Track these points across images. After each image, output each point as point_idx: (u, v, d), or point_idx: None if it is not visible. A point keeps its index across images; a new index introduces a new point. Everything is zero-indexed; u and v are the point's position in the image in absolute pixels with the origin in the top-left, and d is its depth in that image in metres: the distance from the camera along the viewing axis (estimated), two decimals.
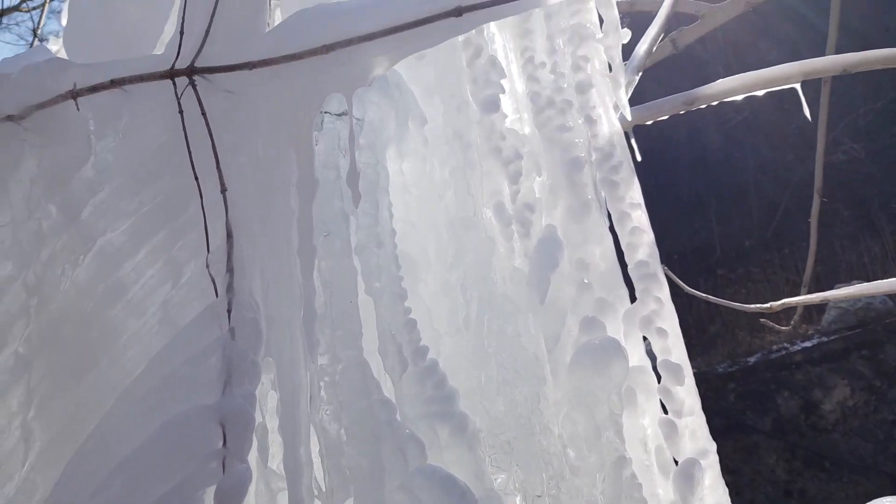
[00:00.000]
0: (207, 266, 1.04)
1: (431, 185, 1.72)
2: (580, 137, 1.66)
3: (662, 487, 1.45)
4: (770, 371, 8.93)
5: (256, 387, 0.92)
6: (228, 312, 0.96)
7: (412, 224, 1.70)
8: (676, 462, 1.45)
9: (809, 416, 8.45)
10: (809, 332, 9.05)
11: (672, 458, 1.47)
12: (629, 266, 1.61)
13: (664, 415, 1.49)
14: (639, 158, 2.20)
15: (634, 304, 1.57)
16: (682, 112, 2.62)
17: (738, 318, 9.64)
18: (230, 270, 1.01)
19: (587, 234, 1.61)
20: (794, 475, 8.23)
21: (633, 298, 1.59)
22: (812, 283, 4.81)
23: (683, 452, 1.45)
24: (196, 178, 1.07)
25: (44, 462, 1.07)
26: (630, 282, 1.60)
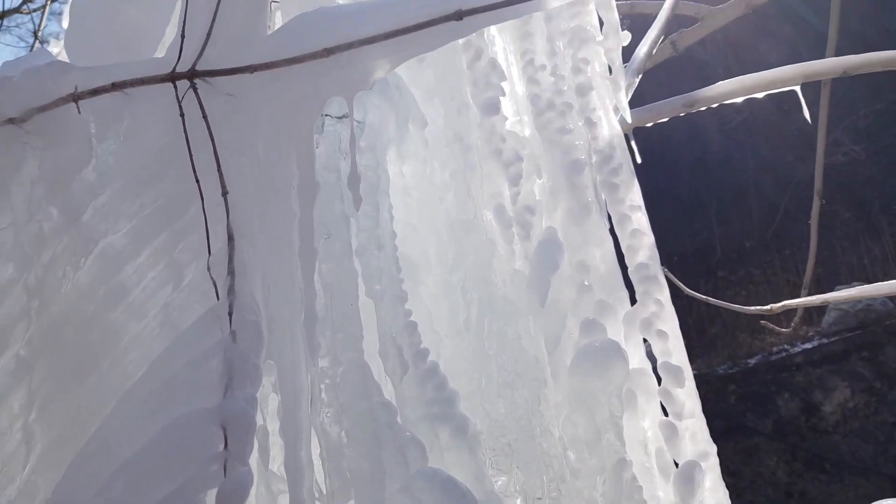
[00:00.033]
0: (209, 269, 1.04)
1: (432, 188, 1.72)
2: (580, 140, 1.66)
3: (663, 490, 1.45)
4: (770, 373, 8.93)
5: (258, 389, 0.92)
6: (230, 315, 0.96)
7: (413, 226, 1.70)
8: (677, 464, 1.45)
9: (810, 418, 8.45)
10: (810, 334, 9.05)
11: (672, 461, 1.46)
12: (629, 268, 1.61)
13: (664, 417, 1.49)
14: (639, 160, 2.20)
15: (635, 307, 1.57)
16: (682, 114, 2.63)
17: (739, 320, 9.65)
18: (231, 273, 1.01)
19: (587, 237, 1.61)
20: (795, 477, 8.23)
21: (634, 300, 1.59)
22: (812, 285, 4.82)
23: (684, 455, 1.45)
24: (197, 181, 1.07)
25: (45, 464, 1.07)
26: (630, 284, 1.60)
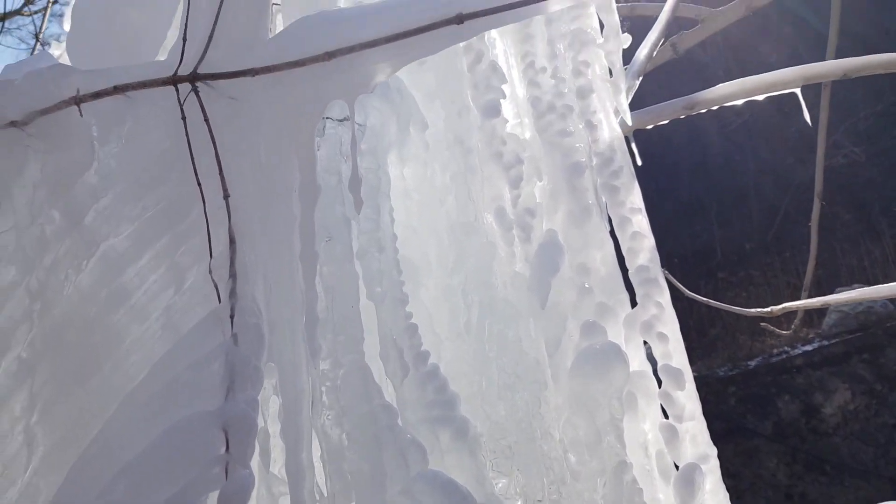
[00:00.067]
0: (210, 272, 1.04)
1: (432, 190, 1.72)
2: (581, 142, 1.66)
3: (663, 492, 1.45)
4: (771, 375, 8.92)
5: (259, 392, 0.92)
6: (231, 318, 0.97)
7: (413, 229, 1.70)
8: (677, 467, 1.45)
9: (810, 420, 8.44)
10: (810, 336, 9.05)
11: (673, 463, 1.47)
12: (630, 271, 1.61)
13: (665, 419, 1.49)
14: (639, 163, 2.20)
15: (635, 309, 1.57)
16: (683, 116, 2.63)
17: (739, 322, 9.65)
18: (233, 276, 1.01)
19: (588, 239, 1.61)
20: (795, 479, 8.22)
21: (634, 303, 1.59)
22: (813, 287, 4.82)
23: (684, 457, 1.45)
24: (199, 184, 1.08)
25: (47, 467, 1.07)
26: (631, 286, 1.60)
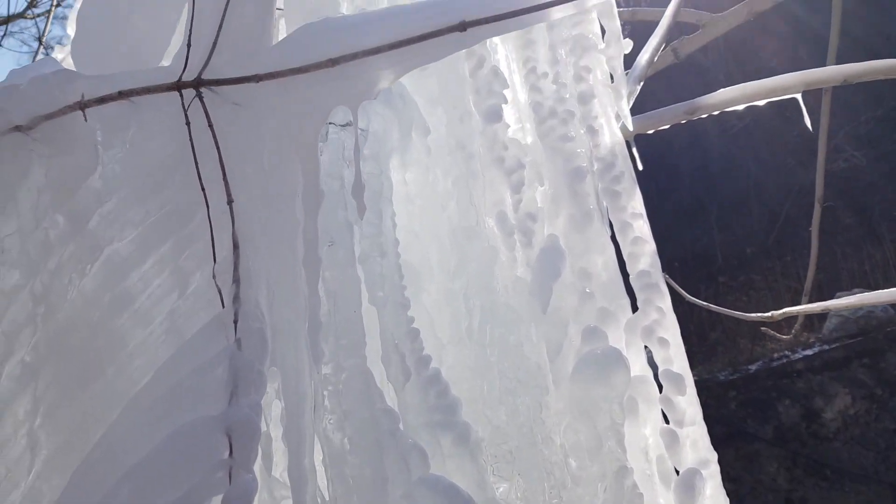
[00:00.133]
0: (214, 276, 1.04)
1: (434, 195, 1.73)
2: (582, 147, 1.67)
3: (664, 497, 1.46)
4: (771, 379, 8.91)
5: (262, 397, 0.93)
6: (235, 323, 0.97)
7: (415, 234, 1.70)
8: (678, 472, 1.45)
9: (811, 425, 8.43)
10: (811, 341, 9.05)
11: (673, 468, 1.47)
12: (631, 276, 1.61)
13: (666, 425, 1.50)
14: (640, 168, 2.20)
15: (636, 314, 1.58)
16: (684, 121, 2.63)
17: (740, 326, 9.65)
18: (236, 281, 1.01)
19: (589, 244, 1.61)
20: (796, 483, 8.21)
21: (635, 308, 1.59)
22: (813, 292, 4.81)
23: (685, 462, 1.45)
24: (203, 189, 1.08)
25: (50, 470, 1.08)
26: (632, 291, 1.60)
